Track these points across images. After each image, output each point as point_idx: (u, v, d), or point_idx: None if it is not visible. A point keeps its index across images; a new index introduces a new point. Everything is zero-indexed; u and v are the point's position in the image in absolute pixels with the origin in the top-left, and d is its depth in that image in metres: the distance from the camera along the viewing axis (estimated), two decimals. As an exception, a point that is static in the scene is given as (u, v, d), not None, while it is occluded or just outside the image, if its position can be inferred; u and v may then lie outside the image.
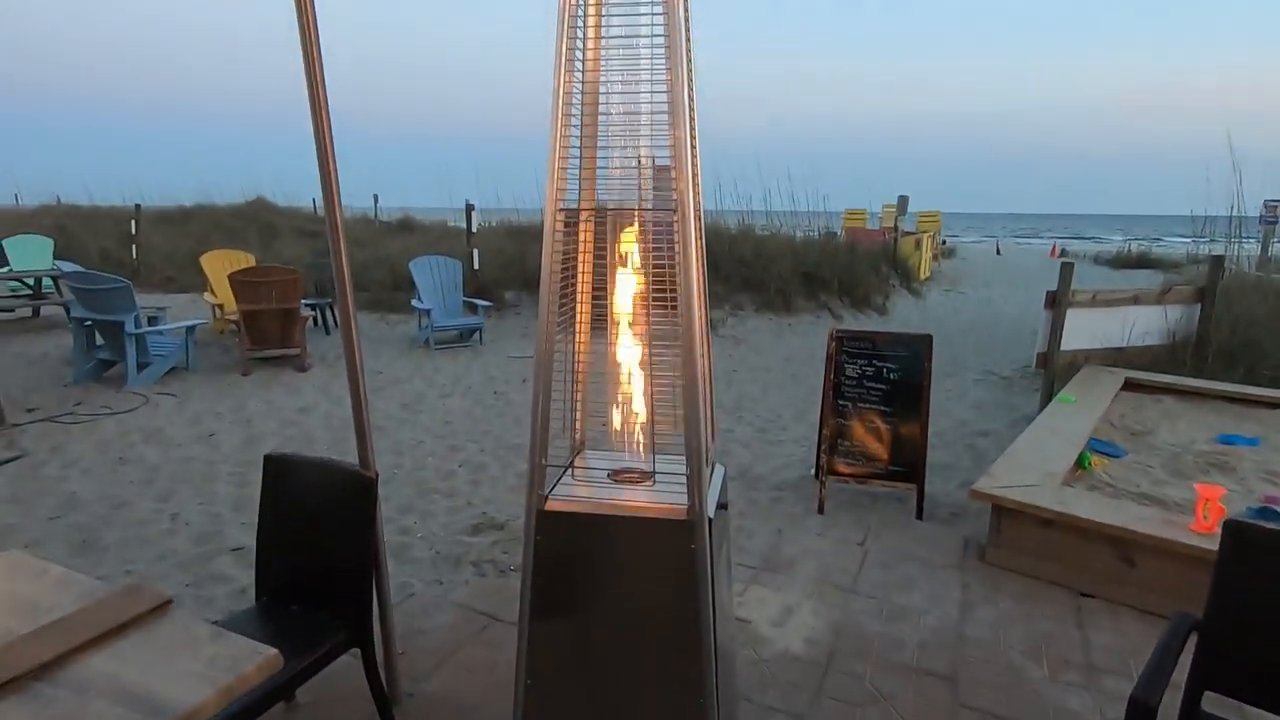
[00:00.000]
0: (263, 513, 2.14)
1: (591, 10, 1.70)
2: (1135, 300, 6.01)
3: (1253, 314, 6.37)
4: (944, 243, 24.57)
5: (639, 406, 1.87)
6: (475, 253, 9.36)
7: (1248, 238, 11.30)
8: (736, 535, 3.58)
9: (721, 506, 1.77)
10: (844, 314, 10.93)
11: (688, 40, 1.61)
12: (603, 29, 1.72)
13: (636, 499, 1.65)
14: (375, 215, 18.72)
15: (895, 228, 16.06)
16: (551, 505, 1.64)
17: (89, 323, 6.03)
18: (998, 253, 26.90)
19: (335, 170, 2.00)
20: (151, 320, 6.52)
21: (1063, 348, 5.57)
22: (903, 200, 16.83)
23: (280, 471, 2.13)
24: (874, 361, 4.02)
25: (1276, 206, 12.54)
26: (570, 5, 1.60)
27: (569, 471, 1.81)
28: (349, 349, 2.09)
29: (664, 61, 1.58)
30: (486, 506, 3.88)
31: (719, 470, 1.87)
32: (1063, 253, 25.24)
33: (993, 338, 9.71)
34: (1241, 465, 4.02)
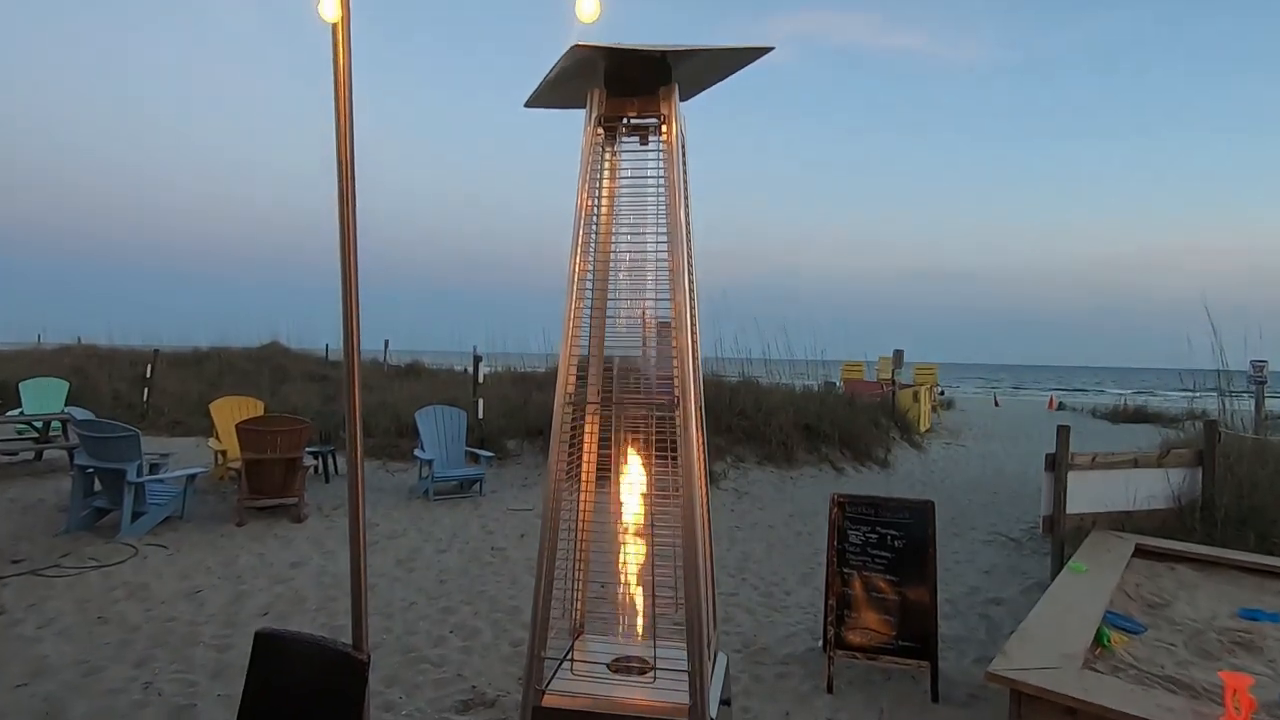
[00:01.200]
0: (247, 690, 2.05)
1: (604, 206, 1.91)
2: (1135, 463, 6.03)
3: (1255, 478, 6.35)
4: (942, 393, 24.95)
5: (640, 582, 1.86)
6: (480, 403, 9.54)
7: (1237, 391, 11.44)
8: (742, 717, 3.36)
9: (724, 703, 1.71)
10: (846, 467, 10.89)
11: (688, 224, 1.80)
12: (615, 214, 1.91)
13: (636, 695, 1.60)
14: (385, 359, 19.23)
15: (893, 380, 16.41)
16: (549, 700, 1.59)
17: (90, 470, 6.04)
18: (995, 404, 27.21)
19: (358, 328, 2.08)
20: (154, 468, 6.53)
21: (1068, 511, 5.51)
22: (898, 354, 17.33)
23: (270, 649, 2.07)
24: (877, 528, 3.98)
25: (1263, 366, 12.86)
26: (588, 205, 1.80)
27: (568, 661, 1.77)
28: (354, 541, 2.10)
29: (666, 244, 1.75)
30: (477, 679, 3.68)
31: (721, 660, 1.83)
32: (1060, 405, 25.52)
33: (998, 496, 9.60)
34: (1267, 645, 3.85)
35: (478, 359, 9.93)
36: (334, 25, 1.60)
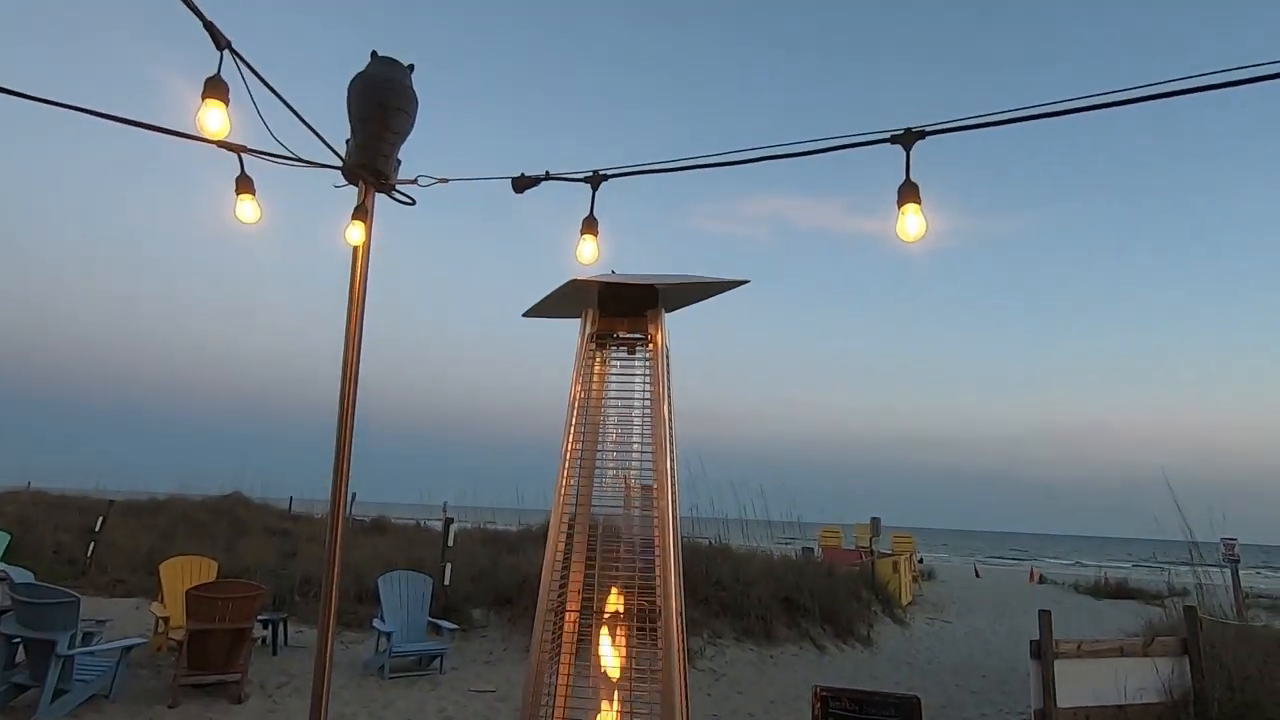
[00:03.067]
0: None
1: (596, 381, 2.03)
2: (1122, 652, 5.87)
3: (1245, 669, 6.19)
4: (921, 562, 24.46)
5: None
6: (449, 567, 9.15)
7: (1208, 565, 11.43)
8: None
9: None
10: (828, 644, 10.40)
11: (669, 401, 1.91)
12: (605, 393, 2.03)
13: None
14: (350, 514, 18.59)
15: (871, 549, 16.15)
16: None
17: (17, 640, 5.57)
18: (976, 575, 26.65)
19: (345, 491, 2.09)
20: (87, 637, 6.04)
21: (1060, 704, 5.27)
22: (875, 522, 17.19)
23: None
24: (863, 725, 3.77)
25: (1234, 544, 12.94)
26: (580, 398, 1.92)
27: None
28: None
29: (649, 419, 1.85)
30: None
31: None
32: (1041, 578, 25.05)
33: (987, 680, 9.15)
34: None
35: (449, 520, 9.67)
36: (355, 248, 1.78)
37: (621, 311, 1.93)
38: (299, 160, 2.25)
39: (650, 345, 1.93)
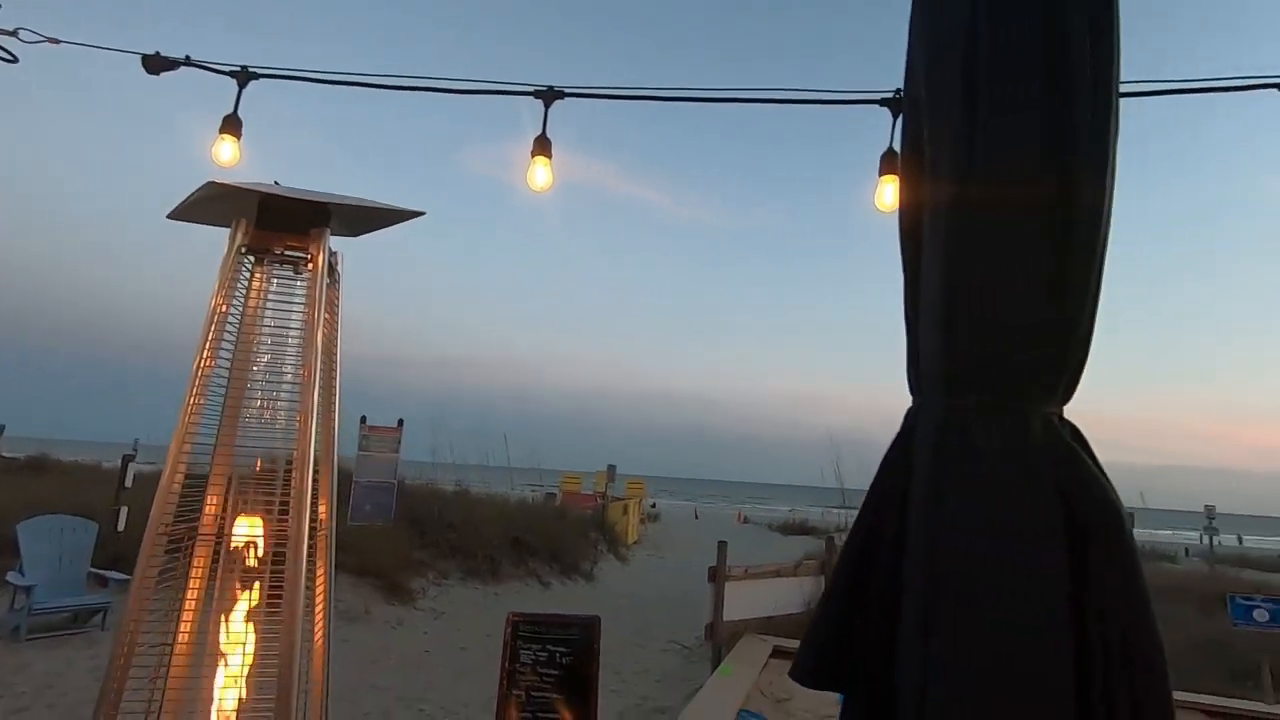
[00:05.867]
0: None
1: (254, 298, 1.89)
2: (778, 574, 7.12)
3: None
4: (653, 506, 26.88)
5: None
6: (124, 511, 7.88)
7: (851, 508, 14.58)
8: None
9: None
10: (553, 581, 11.02)
11: (331, 345, 1.86)
12: (262, 314, 1.90)
13: None
14: (-4, 451, 14.98)
15: (605, 493, 17.32)
16: None
17: None
18: (696, 517, 30.01)
19: None
20: None
21: (725, 618, 6.24)
22: (611, 469, 18.42)
23: None
24: (548, 646, 4.09)
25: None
26: (221, 311, 1.77)
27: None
28: None
29: (299, 356, 1.79)
30: None
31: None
32: (746, 519, 29.05)
33: (684, 606, 10.45)
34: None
35: (127, 459, 8.30)
36: None
37: (283, 227, 1.81)
38: None
39: (311, 266, 1.83)
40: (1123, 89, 0.94)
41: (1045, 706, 0.78)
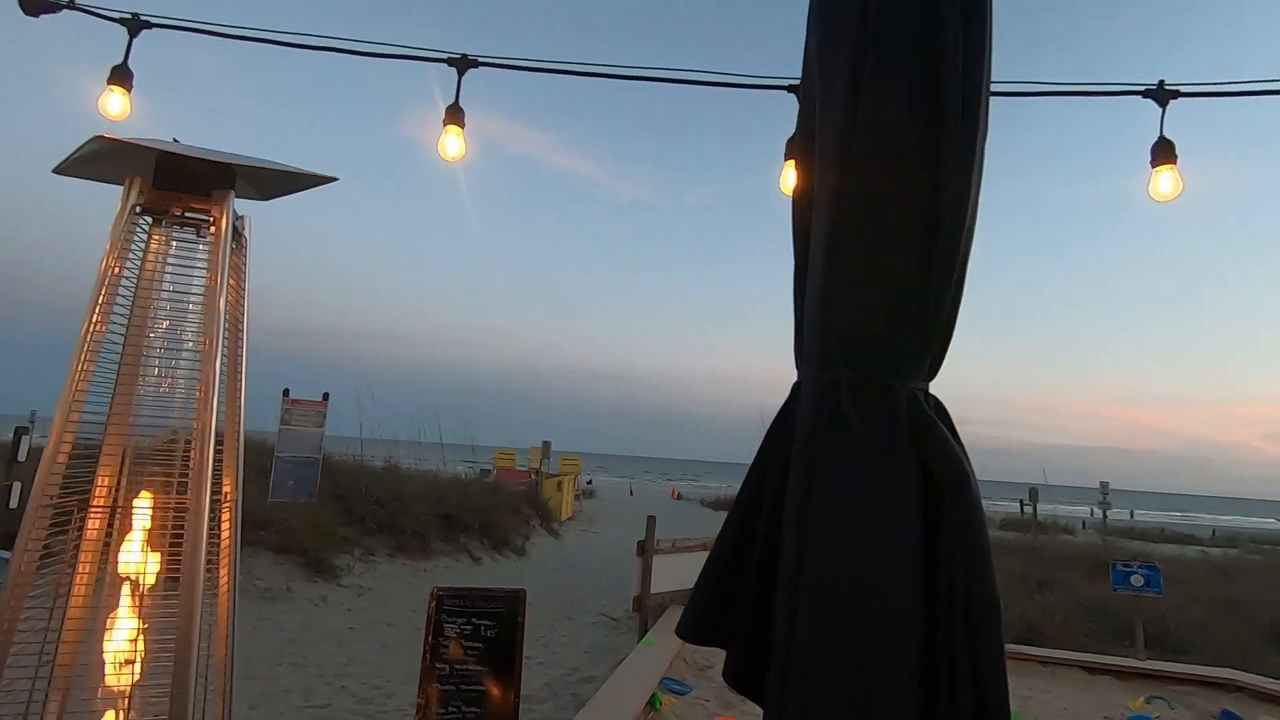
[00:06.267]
0: None
1: (153, 261, 1.81)
2: (704, 546, 7.33)
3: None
4: (589, 482, 27.02)
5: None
6: (17, 487, 7.38)
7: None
8: None
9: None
10: (483, 556, 10.98)
11: (234, 313, 1.80)
12: (161, 278, 1.82)
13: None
14: None
15: (540, 470, 17.29)
16: None
17: None
18: (631, 493, 30.36)
19: None
20: None
21: (654, 590, 6.39)
22: (545, 445, 18.40)
23: None
24: (472, 619, 4.11)
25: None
26: (113, 274, 1.69)
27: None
28: None
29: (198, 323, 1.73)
30: None
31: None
32: (679, 495, 29.59)
33: (614, 579, 10.61)
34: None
35: (20, 431, 7.76)
36: None
37: (183, 187, 1.72)
38: None
39: (214, 230, 1.76)
40: (997, 88, 1.01)
41: (896, 648, 0.86)
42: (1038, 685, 5.42)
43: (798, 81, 1.34)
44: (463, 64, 1.91)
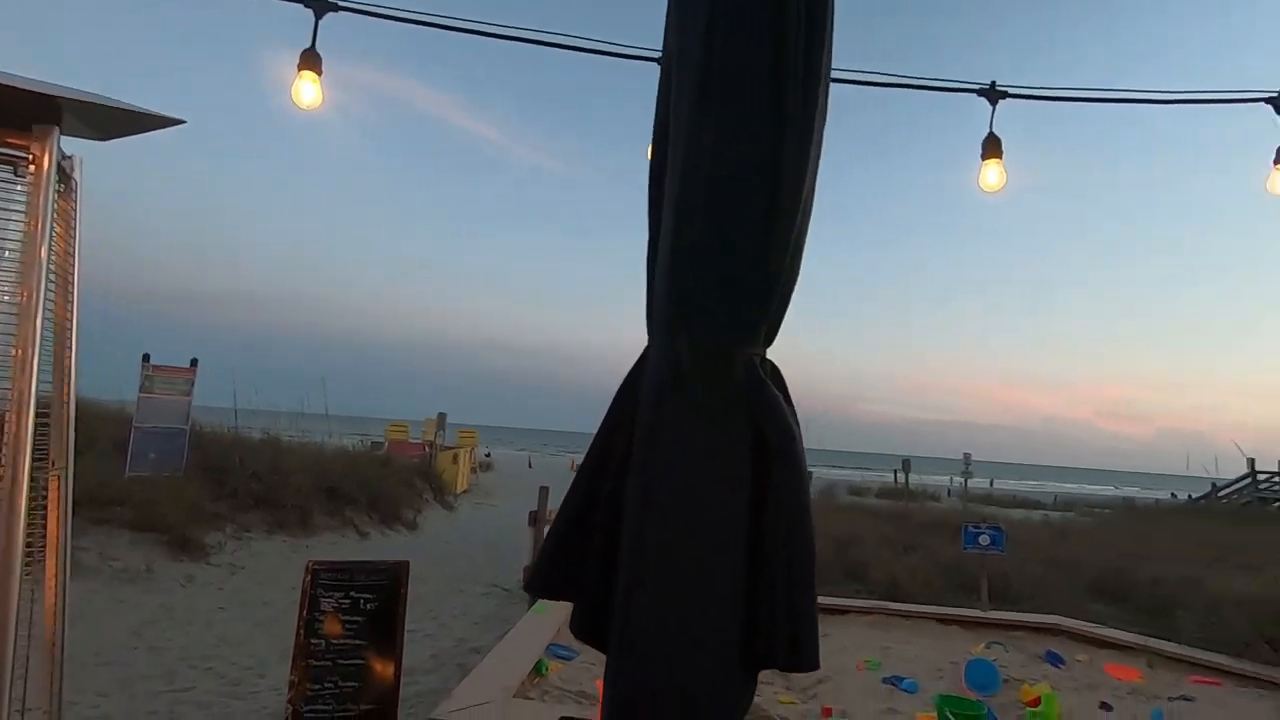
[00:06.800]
0: None
1: None
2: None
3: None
4: (487, 455, 26.62)
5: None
6: None
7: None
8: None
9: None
10: (371, 531, 10.64)
11: (59, 262, 1.64)
12: None
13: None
14: None
15: (434, 442, 16.86)
16: None
17: None
18: (529, 465, 30.20)
19: None
20: None
21: (544, 560, 6.44)
22: (441, 417, 17.94)
23: None
24: (351, 593, 3.99)
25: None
26: None
27: None
28: None
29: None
30: None
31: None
32: (577, 466, 29.78)
33: (508, 550, 10.58)
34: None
35: None
36: None
37: (-4, 119, 1.53)
38: None
39: (33, 168, 1.58)
40: (838, 76, 1.07)
41: (722, 597, 0.93)
42: (898, 637, 5.92)
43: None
44: (320, 6, 1.79)
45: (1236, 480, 24.36)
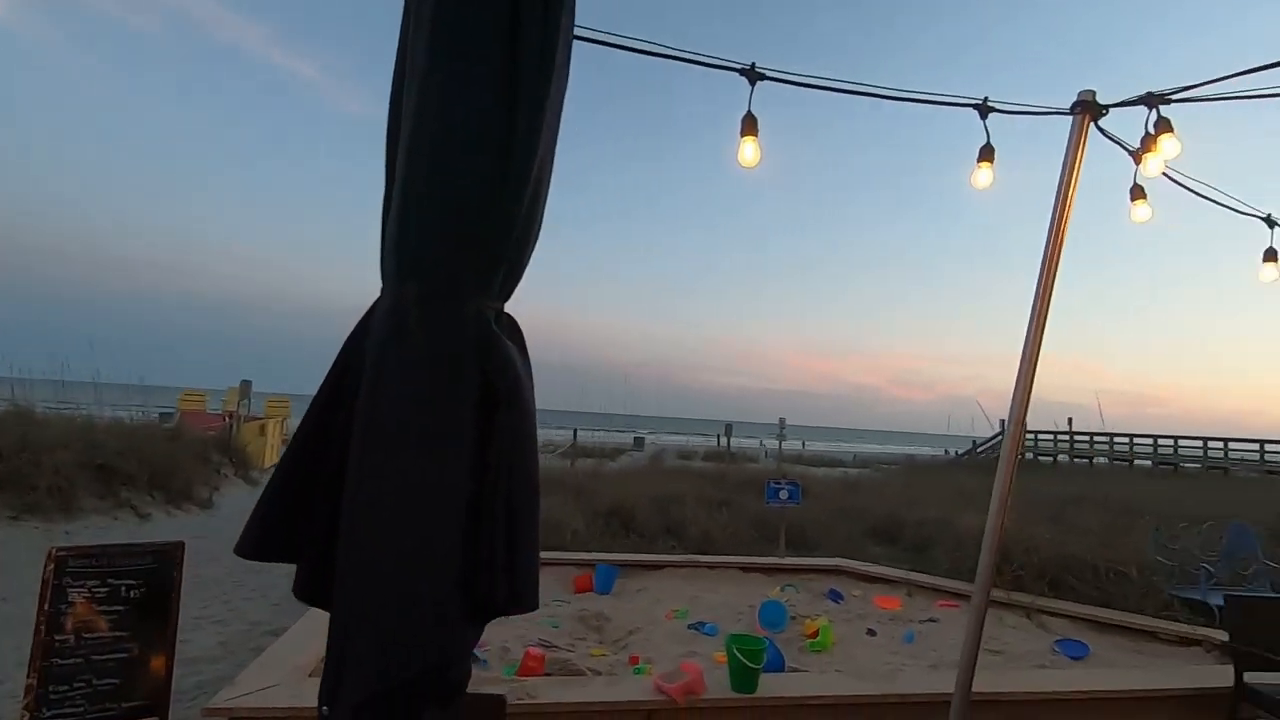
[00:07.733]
0: None
1: None
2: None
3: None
4: (301, 427, 24.49)
5: None
6: None
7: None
8: None
9: None
10: (154, 511, 9.46)
11: None
12: None
13: None
14: None
15: (236, 413, 15.28)
16: None
17: None
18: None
19: None
20: None
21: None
22: (245, 385, 16.24)
23: None
24: (109, 580, 3.53)
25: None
26: None
27: None
28: None
29: None
30: None
31: None
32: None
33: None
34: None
35: None
36: None
37: None
38: None
39: None
40: (593, 36, 1.08)
41: (442, 544, 0.93)
42: (705, 586, 6.37)
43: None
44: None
45: (991, 438, 30.13)
